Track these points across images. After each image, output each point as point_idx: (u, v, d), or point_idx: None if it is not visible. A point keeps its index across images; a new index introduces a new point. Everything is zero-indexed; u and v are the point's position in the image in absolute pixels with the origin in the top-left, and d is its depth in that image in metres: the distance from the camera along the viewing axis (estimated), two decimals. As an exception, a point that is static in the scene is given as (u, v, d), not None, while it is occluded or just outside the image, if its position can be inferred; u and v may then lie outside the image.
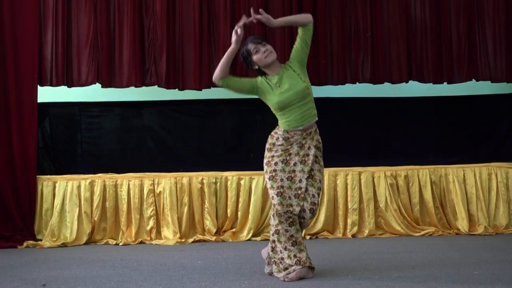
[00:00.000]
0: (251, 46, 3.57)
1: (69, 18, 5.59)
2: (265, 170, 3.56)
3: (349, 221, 5.51)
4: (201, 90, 5.74)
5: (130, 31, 5.59)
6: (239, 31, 3.55)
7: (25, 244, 5.15)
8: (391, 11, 5.91)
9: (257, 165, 5.69)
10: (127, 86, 5.64)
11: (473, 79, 5.97)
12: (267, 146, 3.58)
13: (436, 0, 5.93)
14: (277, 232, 3.45)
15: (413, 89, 6.20)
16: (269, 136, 3.60)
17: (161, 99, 6.07)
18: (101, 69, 5.57)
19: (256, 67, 3.60)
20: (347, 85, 5.92)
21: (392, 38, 5.89)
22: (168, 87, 5.68)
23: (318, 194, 3.52)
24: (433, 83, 5.95)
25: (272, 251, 3.52)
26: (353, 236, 5.47)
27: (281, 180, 3.46)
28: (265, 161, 3.56)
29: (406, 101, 6.24)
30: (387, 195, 5.54)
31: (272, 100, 3.53)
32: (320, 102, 6.07)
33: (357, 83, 5.92)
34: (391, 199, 5.54)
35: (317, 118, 3.56)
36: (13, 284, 3.53)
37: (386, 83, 5.91)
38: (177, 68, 5.69)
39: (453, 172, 5.63)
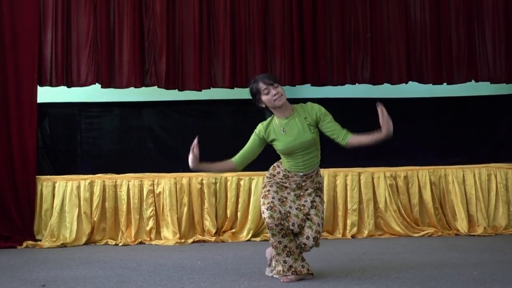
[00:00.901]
0: (262, 86, 3.45)
1: (68, 18, 5.58)
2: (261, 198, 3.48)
3: (348, 221, 5.51)
4: (200, 90, 5.74)
5: (130, 31, 5.59)
6: (195, 150, 3.51)
7: (24, 244, 5.14)
8: (391, 12, 5.91)
9: (257, 166, 5.70)
10: (127, 87, 5.63)
11: (473, 80, 5.97)
12: (267, 174, 3.58)
13: (435, 1, 5.93)
14: (272, 245, 3.43)
15: (413, 90, 6.21)
16: (271, 167, 3.60)
17: (161, 99, 6.06)
18: (101, 70, 5.57)
19: (264, 106, 3.53)
20: (347, 85, 5.92)
21: (392, 39, 5.89)
22: (167, 88, 5.68)
23: (322, 225, 3.48)
24: (433, 84, 5.95)
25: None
26: (353, 236, 5.47)
27: (273, 198, 3.41)
28: (262, 190, 3.51)
29: (405, 102, 6.24)
30: (386, 195, 5.55)
31: (277, 146, 3.51)
32: (320, 103, 6.11)
33: (357, 83, 5.92)
34: (391, 200, 5.54)
35: (319, 163, 3.54)
36: (12, 284, 3.53)
37: (385, 84, 5.91)
38: (176, 69, 5.69)
39: (452, 173, 5.64)
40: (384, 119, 3.43)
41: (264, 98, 3.46)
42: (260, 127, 3.58)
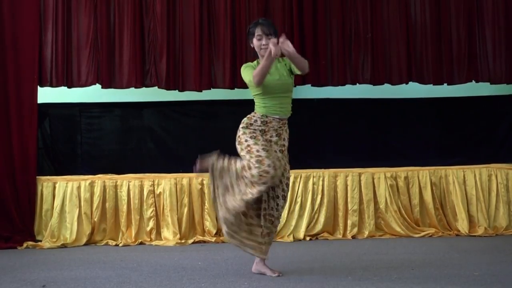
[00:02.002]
0: (257, 31, 3.65)
1: (69, 18, 5.58)
2: (238, 149, 3.59)
3: (349, 222, 5.51)
4: (201, 91, 5.74)
5: (130, 32, 5.59)
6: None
7: (25, 245, 5.14)
8: (391, 12, 5.91)
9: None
10: (127, 87, 5.64)
11: (473, 81, 5.98)
12: (242, 125, 3.63)
13: (436, 2, 5.93)
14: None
15: (413, 90, 6.20)
16: (246, 118, 3.65)
17: (161, 100, 6.06)
18: (101, 70, 5.57)
19: (252, 45, 3.73)
20: (347, 86, 5.92)
21: (392, 39, 5.89)
22: (168, 88, 5.68)
23: (288, 185, 3.67)
24: (433, 84, 5.95)
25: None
26: (353, 237, 5.47)
27: (257, 151, 3.48)
28: (237, 140, 3.61)
29: (406, 102, 6.24)
30: (387, 196, 5.55)
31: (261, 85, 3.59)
32: (320, 103, 6.17)
33: (357, 84, 5.92)
34: (391, 200, 5.54)
35: (289, 115, 3.68)
36: (13, 285, 3.53)
37: (386, 84, 5.91)
38: (177, 69, 5.69)
39: (453, 173, 5.64)
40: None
41: (254, 42, 3.68)
42: (250, 64, 3.71)
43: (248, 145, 3.52)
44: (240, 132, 3.63)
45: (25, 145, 5.35)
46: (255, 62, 3.74)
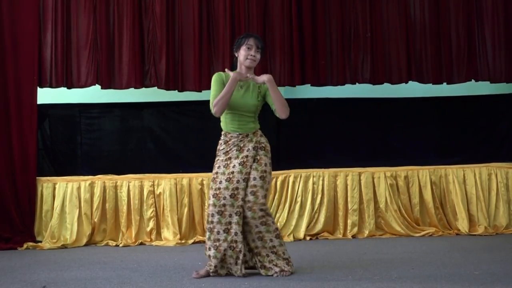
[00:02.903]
0: (250, 41, 3.66)
1: (68, 19, 5.58)
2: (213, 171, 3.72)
3: (349, 221, 5.51)
4: (200, 91, 5.74)
5: (130, 32, 5.59)
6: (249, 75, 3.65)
7: (25, 245, 5.14)
8: (391, 11, 5.91)
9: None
10: (127, 88, 5.64)
11: (473, 80, 5.97)
12: (216, 152, 3.76)
13: (435, 1, 5.93)
14: (209, 229, 3.61)
15: (413, 89, 6.20)
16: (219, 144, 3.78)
17: (161, 100, 6.06)
18: (101, 70, 5.57)
19: (235, 56, 3.75)
20: (347, 85, 5.92)
21: (392, 39, 5.89)
22: (167, 89, 5.68)
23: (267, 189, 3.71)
24: (433, 84, 5.95)
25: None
26: (353, 236, 5.47)
27: (220, 182, 3.61)
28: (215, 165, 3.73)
29: (405, 102, 6.24)
30: (387, 195, 5.55)
31: None
32: (320, 103, 6.17)
33: (357, 83, 5.92)
34: (391, 200, 5.54)
35: (256, 129, 3.76)
36: (13, 286, 3.53)
37: (385, 84, 5.91)
38: (176, 70, 5.69)
39: (453, 173, 5.64)
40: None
41: (242, 51, 3.67)
42: (220, 74, 3.74)
43: (216, 172, 3.70)
44: (216, 157, 3.78)
45: (25, 146, 5.35)
46: (225, 73, 3.71)
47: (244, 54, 3.65)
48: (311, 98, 6.21)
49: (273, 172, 5.47)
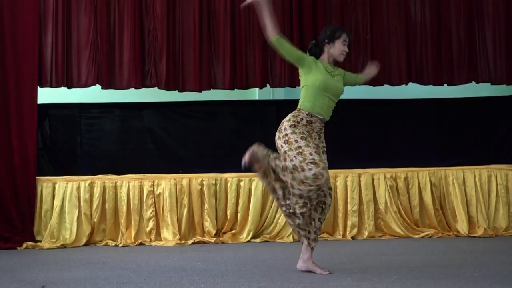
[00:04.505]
0: (345, 37, 3.69)
1: (69, 19, 5.59)
2: (285, 148, 3.51)
3: (348, 223, 5.51)
4: (201, 91, 5.74)
5: (130, 32, 5.59)
6: None
7: (24, 245, 5.14)
8: (391, 12, 5.92)
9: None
10: (127, 88, 5.64)
11: (473, 81, 5.98)
12: (289, 123, 3.56)
13: (436, 2, 5.94)
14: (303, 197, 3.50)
15: (413, 91, 6.20)
16: (291, 115, 3.62)
17: (161, 100, 6.07)
18: (101, 71, 5.57)
19: (324, 48, 3.70)
20: (347, 86, 5.89)
21: (392, 40, 5.90)
22: (168, 89, 5.68)
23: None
24: (433, 85, 5.96)
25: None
26: (353, 238, 5.47)
27: (310, 154, 3.45)
28: (283, 138, 3.54)
29: (406, 103, 6.24)
30: (386, 197, 5.55)
31: (318, 78, 3.60)
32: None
33: (357, 85, 5.90)
34: (391, 201, 5.54)
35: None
36: (12, 286, 3.53)
37: (385, 85, 5.91)
38: (177, 70, 5.69)
39: (452, 174, 5.64)
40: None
41: (337, 44, 3.68)
42: (312, 57, 3.71)
43: (299, 146, 3.48)
44: (288, 130, 3.55)
45: (24, 146, 5.35)
46: (311, 57, 3.71)
47: (341, 49, 3.69)
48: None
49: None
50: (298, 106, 3.67)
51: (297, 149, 3.46)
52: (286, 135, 3.54)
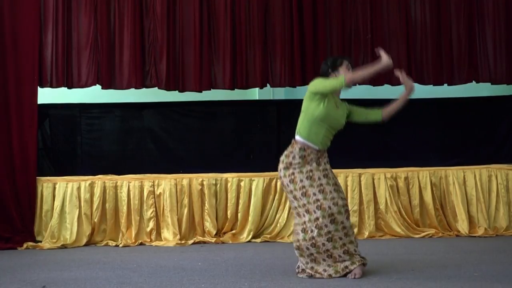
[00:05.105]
0: (346, 62, 3.78)
1: (69, 19, 5.58)
2: (290, 188, 3.54)
3: (349, 222, 5.50)
4: (201, 91, 5.74)
5: (130, 32, 5.59)
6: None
7: (25, 245, 5.14)
8: (391, 12, 5.91)
9: (257, 167, 5.71)
10: (127, 88, 5.64)
11: (473, 81, 5.97)
12: (283, 165, 3.59)
13: (436, 2, 5.93)
14: (313, 245, 3.44)
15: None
16: (284, 156, 3.62)
17: (161, 100, 6.06)
18: (101, 71, 5.57)
19: (330, 77, 3.72)
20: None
21: (392, 40, 5.89)
22: (168, 89, 5.68)
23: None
24: (433, 85, 5.95)
25: (311, 261, 3.52)
26: (353, 237, 5.46)
27: (314, 194, 3.48)
28: (286, 179, 3.55)
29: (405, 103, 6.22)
30: (387, 196, 5.54)
31: (320, 108, 3.57)
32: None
33: (357, 84, 5.91)
34: (391, 201, 5.54)
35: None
36: (13, 286, 3.53)
37: (386, 85, 5.90)
38: (177, 70, 5.69)
39: (453, 174, 5.64)
40: (404, 79, 3.89)
41: (342, 71, 3.72)
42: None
43: (303, 186, 3.51)
44: (289, 171, 3.55)
45: (25, 146, 5.35)
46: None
47: (347, 73, 3.69)
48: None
49: (272, 173, 5.52)
50: (295, 132, 3.64)
51: (301, 189, 3.50)
52: (292, 174, 3.54)
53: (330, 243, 3.44)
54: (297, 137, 3.61)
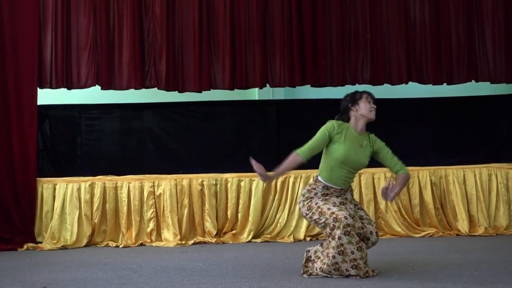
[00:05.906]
0: (366, 96, 3.76)
1: (68, 20, 5.58)
2: (309, 215, 3.54)
3: (349, 222, 5.50)
4: (201, 92, 5.74)
5: (130, 33, 5.59)
6: (260, 169, 3.52)
7: (25, 246, 5.14)
8: (391, 12, 5.91)
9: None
10: (127, 88, 5.63)
11: (473, 80, 5.97)
12: (303, 198, 3.61)
13: (435, 2, 5.93)
14: (340, 253, 3.42)
15: (413, 90, 6.20)
16: (306, 190, 3.64)
17: (161, 101, 6.07)
18: (101, 71, 5.57)
19: (349, 110, 3.72)
20: (347, 86, 5.91)
21: (392, 39, 5.89)
22: (168, 89, 5.68)
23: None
24: (433, 84, 5.95)
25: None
26: (353, 237, 5.46)
27: (329, 208, 3.47)
28: (304, 208, 3.57)
29: (405, 102, 6.24)
30: (387, 196, 5.54)
31: (337, 150, 3.57)
32: (320, 104, 6.16)
33: (357, 84, 5.91)
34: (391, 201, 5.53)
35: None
36: (13, 287, 3.53)
37: (385, 85, 5.90)
38: (176, 70, 5.69)
39: (453, 173, 5.64)
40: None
41: (362, 104, 3.72)
42: (332, 124, 3.66)
43: (319, 207, 3.51)
44: (306, 202, 3.58)
45: (25, 147, 5.35)
46: (334, 122, 3.67)
47: (367, 106, 3.72)
48: (311, 99, 6.20)
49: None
50: (317, 173, 3.67)
51: (318, 210, 3.50)
52: (310, 206, 3.55)
53: (340, 256, 3.43)
54: (319, 177, 3.63)
